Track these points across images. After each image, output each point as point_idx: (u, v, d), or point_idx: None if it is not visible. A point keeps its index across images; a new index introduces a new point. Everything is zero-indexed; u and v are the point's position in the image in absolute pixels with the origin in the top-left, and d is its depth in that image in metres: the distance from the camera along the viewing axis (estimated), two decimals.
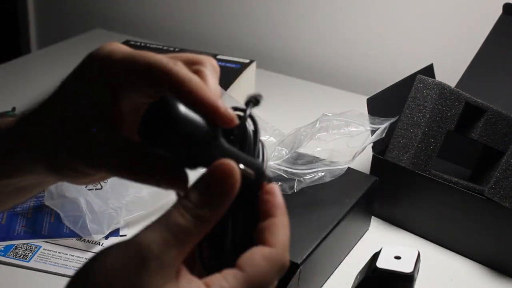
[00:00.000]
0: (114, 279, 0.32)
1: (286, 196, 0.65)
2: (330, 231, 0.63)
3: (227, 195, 0.34)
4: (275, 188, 0.37)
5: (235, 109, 0.37)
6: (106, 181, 0.72)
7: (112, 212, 0.70)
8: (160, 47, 1.10)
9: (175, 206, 0.34)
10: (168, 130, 0.34)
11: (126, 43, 1.11)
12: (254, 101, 0.38)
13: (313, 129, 0.66)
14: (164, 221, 0.33)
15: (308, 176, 0.66)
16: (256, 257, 0.35)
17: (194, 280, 0.34)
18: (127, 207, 0.72)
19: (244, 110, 0.37)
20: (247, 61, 1.03)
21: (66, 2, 1.51)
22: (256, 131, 0.38)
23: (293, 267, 0.56)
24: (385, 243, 0.63)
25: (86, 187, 0.71)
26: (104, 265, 0.33)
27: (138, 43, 1.11)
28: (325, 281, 0.67)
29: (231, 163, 0.34)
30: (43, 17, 1.55)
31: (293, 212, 0.65)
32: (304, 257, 0.57)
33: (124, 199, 0.72)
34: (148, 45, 1.10)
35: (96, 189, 0.71)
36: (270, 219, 0.37)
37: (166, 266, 0.33)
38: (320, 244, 0.60)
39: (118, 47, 0.39)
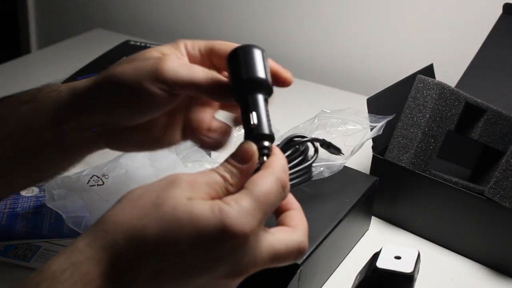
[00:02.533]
0: (147, 190, 0.40)
1: None
2: (330, 231, 0.63)
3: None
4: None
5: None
6: (107, 176, 0.72)
7: None
8: None
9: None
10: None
11: (126, 43, 1.11)
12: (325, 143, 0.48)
13: (311, 125, 0.67)
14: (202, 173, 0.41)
15: None
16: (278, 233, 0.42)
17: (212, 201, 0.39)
18: None
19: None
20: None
21: (66, 2, 1.51)
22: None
23: (293, 267, 0.56)
24: (385, 243, 0.63)
25: (87, 183, 0.71)
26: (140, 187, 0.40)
27: (138, 43, 1.11)
28: (325, 281, 0.67)
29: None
30: (43, 17, 1.55)
31: None
32: (304, 257, 0.57)
33: None
34: (148, 45, 1.10)
35: (98, 185, 0.71)
36: (287, 212, 0.45)
37: (195, 186, 0.39)
38: (320, 244, 0.60)
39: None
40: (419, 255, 0.60)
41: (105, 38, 1.32)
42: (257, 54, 0.47)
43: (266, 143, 0.44)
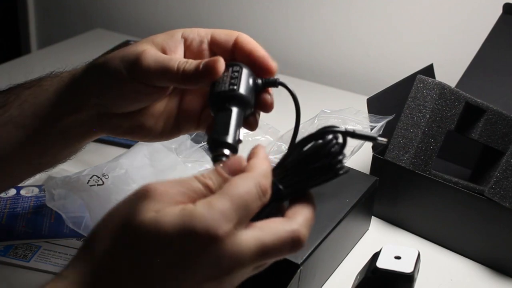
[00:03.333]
0: (117, 209, 0.40)
1: None
2: (330, 231, 0.63)
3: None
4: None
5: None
6: (107, 176, 0.72)
7: None
8: None
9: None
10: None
11: (127, 43, 1.11)
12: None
13: (311, 125, 0.67)
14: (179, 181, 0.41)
15: None
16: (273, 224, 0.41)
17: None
18: None
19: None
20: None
21: (66, 2, 1.51)
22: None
23: (293, 267, 0.56)
24: (385, 243, 0.63)
25: (87, 182, 0.71)
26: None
27: None
28: (325, 281, 0.67)
29: None
30: (43, 17, 1.55)
31: None
32: (304, 257, 0.57)
33: (126, 194, 0.72)
34: None
35: (98, 184, 0.71)
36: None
37: (166, 196, 0.39)
38: (320, 244, 0.60)
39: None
40: (419, 255, 0.60)
41: (105, 38, 1.32)
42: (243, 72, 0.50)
43: (226, 151, 0.45)
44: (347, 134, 0.42)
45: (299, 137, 0.63)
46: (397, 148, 0.73)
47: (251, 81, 0.50)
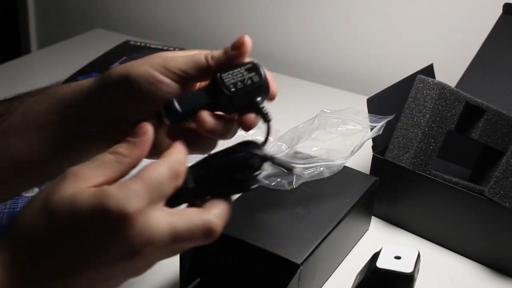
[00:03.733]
0: (42, 190, 0.42)
1: (286, 194, 0.66)
2: (330, 231, 0.63)
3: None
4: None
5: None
6: None
7: None
8: (160, 47, 1.10)
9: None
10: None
11: (126, 43, 1.11)
12: None
13: (311, 125, 0.66)
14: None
15: (307, 171, 0.66)
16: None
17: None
18: None
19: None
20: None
21: (66, 2, 1.51)
22: None
23: (293, 267, 0.56)
24: (385, 243, 0.63)
25: None
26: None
27: (138, 43, 1.11)
28: (325, 281, 0.67)
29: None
30: (43, 17, 1.55)
31: (293, 212, 0.65)
32: (304, 257, 0.57)
33: None
34: (148, 45, 1.10)
35: None
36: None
37: (81, 176, 0.41)
38: (320, 244, 0.60)
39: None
40: (419, 255, 0.60)
41: (105, 38, 1.32)
42: None
43: (165, 113, 0.47)
44: (266, 159, 0.45)
45: (300, 137, 0.63)
46: (397, 148, 0.73)
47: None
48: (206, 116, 0.47)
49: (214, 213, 0.43)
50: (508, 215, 0.67)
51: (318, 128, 0.67)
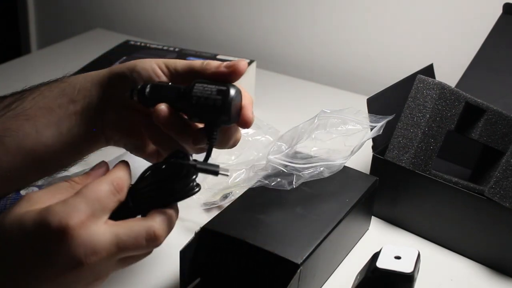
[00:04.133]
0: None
1: (286, 194, 0.66)
2: (330, 231, 0.63)
3: None
4: None
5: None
6: None
7: None
8: (160, 47, 1.10)
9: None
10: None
11: (126, 43, 1.11)
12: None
13: (311, 125, 0.67)
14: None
15: (307, 171, 0.66)
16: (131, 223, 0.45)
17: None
18: None
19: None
20: (247, 61, 1.03)
21: (66, 2, 1.51)
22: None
23: (293, 267, 0.56)
24: (385, 243, 0.63)
25: None
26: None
27: (138, 43, 1.11)
28: (325, 281, 0.67)
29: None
30: (43, 17, 1.55)
31: (293, 212, 0.65)
32: (304, 257, 0.57)
33: None
34: (148, 45, 1.10)
35: None
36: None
37: (33, 199, 0.44)
38: (320, 244, 0.60)
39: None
40: (419, 255, 0.60)
41: (105, 38, 1.32)
42: None
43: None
44: (190, 166, 0.48)
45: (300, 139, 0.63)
46: (397, 148, 0.73)
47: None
48: (162, 108, 0.50)
49: (157, 220, 0.46)
50: (508, 215, 0.67)
51: (318, 128, 0.67)
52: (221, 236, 0.60)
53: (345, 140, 0.68)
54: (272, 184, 0.66)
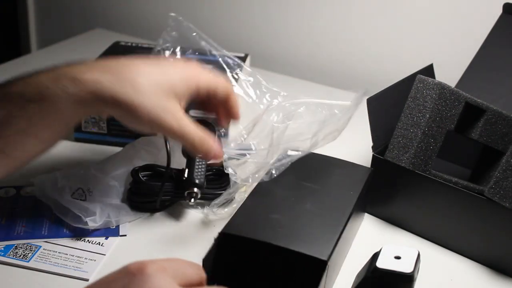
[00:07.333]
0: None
1: (291, 193, 0.66)
2: (345, 225, 0.63)
3: None
4: None
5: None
6: (91, 192, 0.73)
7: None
8: (152, 46, 1.09)
9: None
10: None
11: (117, 44, 1.11)
12: None
13: (267, 113, 0.71)
14: None
15: (278, 162, 0.69)
16: None
17: None
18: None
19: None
20: (242, 55, 1.04)
21: (66, 2, 1.51)
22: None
23: (321, 264, 0.56)
24: (385, 243, 0.63)
25: (72, 195, 0.72)
26: None
27: (129, 44, 1.10)
28: (338, 275, 0.67)
29: None
30: (43, 17, 1.55)
31: (304, 209, 0.65)
32: (329, 253, 0.57)
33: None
34: (140, 45, 1.10)
35: (81, 199, 0.71)
36: None
37: None
38: (339, 238, 0.61)
39: None
40: (419, 255, 0.60)
41: (105, 38, 1.31)
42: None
43: (195, 189, 0.69)
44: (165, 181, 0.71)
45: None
46: (397, 148, 0.73)
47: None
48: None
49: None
50: (508, 215, 0.67)
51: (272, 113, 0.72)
52: (243, 239, 0.59)
53: (309, 125, 0.69)
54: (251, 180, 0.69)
